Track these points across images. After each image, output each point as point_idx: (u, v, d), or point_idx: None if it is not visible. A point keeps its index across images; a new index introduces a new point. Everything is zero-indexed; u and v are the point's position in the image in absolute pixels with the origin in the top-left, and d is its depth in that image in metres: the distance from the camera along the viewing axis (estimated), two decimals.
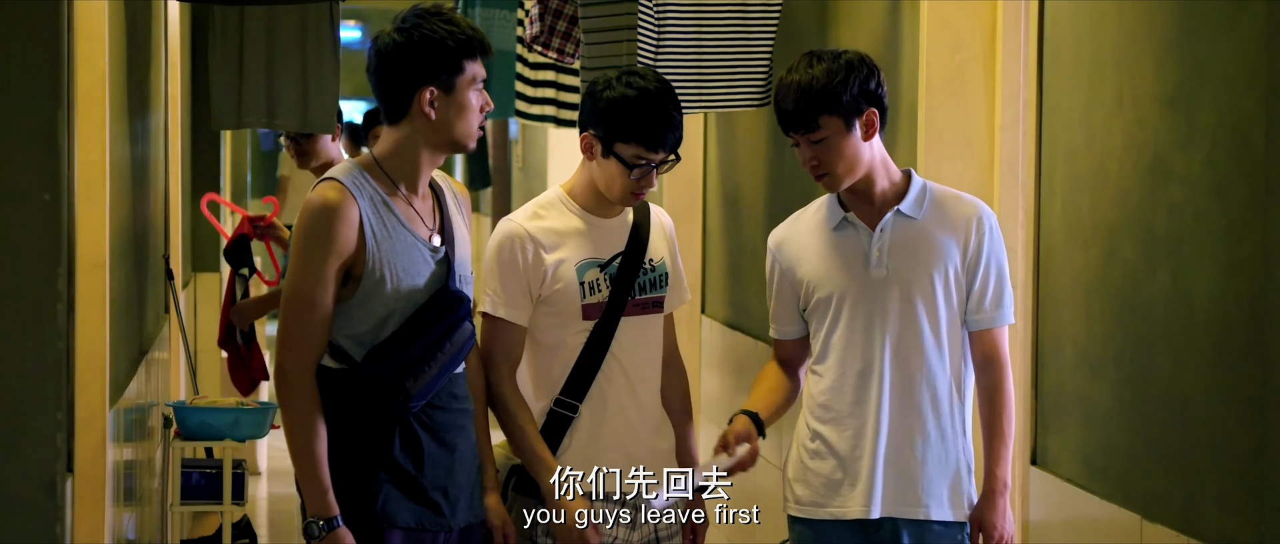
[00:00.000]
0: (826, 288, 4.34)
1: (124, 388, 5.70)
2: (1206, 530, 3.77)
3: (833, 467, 4.33)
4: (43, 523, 3.85)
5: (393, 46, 4.08)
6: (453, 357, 4.13)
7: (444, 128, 4.09)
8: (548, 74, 7.98)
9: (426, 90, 4.07)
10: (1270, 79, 3.53)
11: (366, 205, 4.07)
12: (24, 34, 3.84)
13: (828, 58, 4.26)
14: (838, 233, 4.36)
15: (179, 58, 9.35)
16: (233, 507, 7.12)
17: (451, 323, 4.11)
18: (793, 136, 4.31)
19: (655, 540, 4.61)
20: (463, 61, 4.08)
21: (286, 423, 4.07)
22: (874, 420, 4.31)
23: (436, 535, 4.17)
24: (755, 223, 7.20)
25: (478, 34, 4.11)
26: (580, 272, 4.51)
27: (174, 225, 8.86)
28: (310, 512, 4.05)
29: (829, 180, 4.30)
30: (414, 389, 4.07)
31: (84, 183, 4.92)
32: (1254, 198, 3.59)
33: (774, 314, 4.48)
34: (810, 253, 4.38)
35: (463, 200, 4.31)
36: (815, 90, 4.23)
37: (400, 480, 4.11)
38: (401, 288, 4.08)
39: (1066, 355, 4.55)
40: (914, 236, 4.32)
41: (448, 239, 4.18)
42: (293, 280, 4.07)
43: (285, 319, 4.08)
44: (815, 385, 4.40)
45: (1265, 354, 3.53)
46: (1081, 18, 4.48)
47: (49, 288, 3.86)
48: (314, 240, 4.05)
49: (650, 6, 5.65)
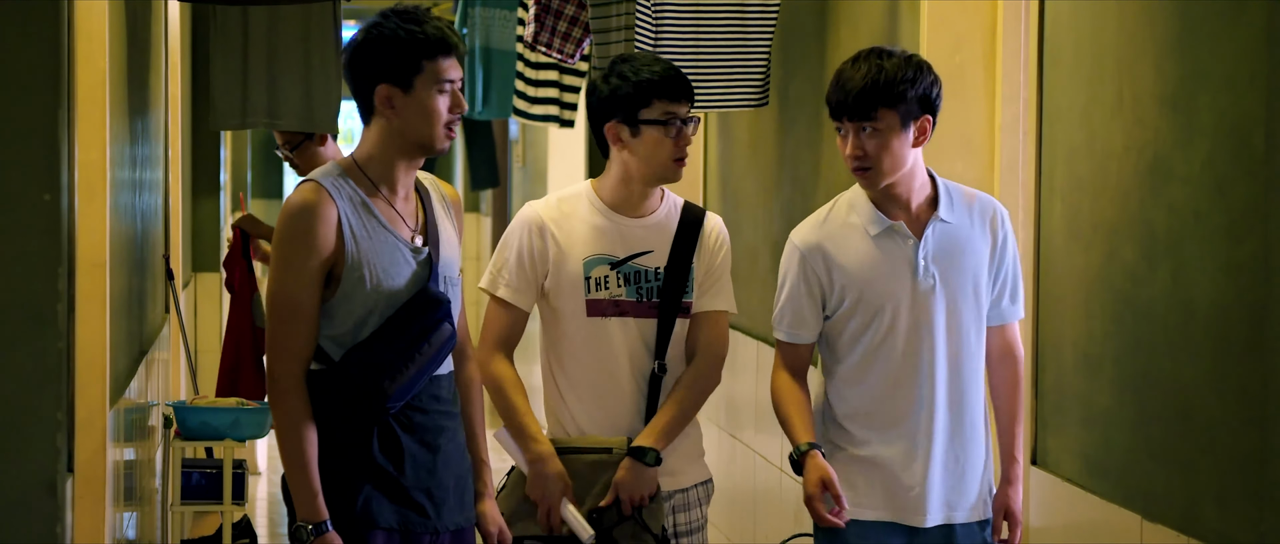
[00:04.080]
0: (875, 297, 4.29)
1: (124, 388, 5.70)
2: (1206, 530, 3.77)
3: (880, 474, 4.31)
4: (43, 523, 3.85)
5: (354, 45, 4.08)
6: (432, 357, 4.11)
7: (407, 129, 4.06)
8: (550, 74, 7.98)
9: (384, 88, 4.05)
10: (1270, 79, 3.53)
11: (346, 206, 4.06)
12: (24, 34, 3.84)
13: (898, 55, 4.25)
14: (882, 240, 4.30)
15: (179, 58, 9.35)
16: (233, 507, 7.11)
17: (429, 324, 4.09)
18: (843, 124, 4.26)
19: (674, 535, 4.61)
20: (421, 60, 4.03)
21: (278, 427, 4.07)
22: (928, 431, 4.29)
23: (421, 537, 4.16)
24: (755, 223, 7.20)
25: (443, 34, 4.06)
26: (587, 267, 4.52)
27: (174, 225, 8.86)
28: (300, 515, 4.04)
29: (870, 176, 4.26)
30: (391, 389, 4.06)
31: (84, 183, 4.92)
32: (1254, 198, 3.59)
33: (793, 318, 4.38)
34: (853, 259, 4.31)
35: (452, 204, 4.28)
36: (881, 82, 4.20)
37: (381, 481, 4.10)
38: (381, 288, 4.07)
39: (1066, 355, 4.55)
40: (952, 243, 4.32)
41: (432, 241, 4.16)
42: (275, 284, 4.06)
43: (272, 324, 4.07)
44: (849, 392, 4.34)
45: (1265, 354, 3.53)
46: (1081, 18, 4.48)
47: (49, 288, 3.85)
48: (293, 242, 4.04)
49: (648, 6, 5.65)
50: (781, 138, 6.78)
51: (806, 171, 6.41)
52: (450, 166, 16.72)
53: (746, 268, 7.29)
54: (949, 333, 4.31)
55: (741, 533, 7.37)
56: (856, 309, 4.30)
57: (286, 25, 7.02)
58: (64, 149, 3.92)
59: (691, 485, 4.67)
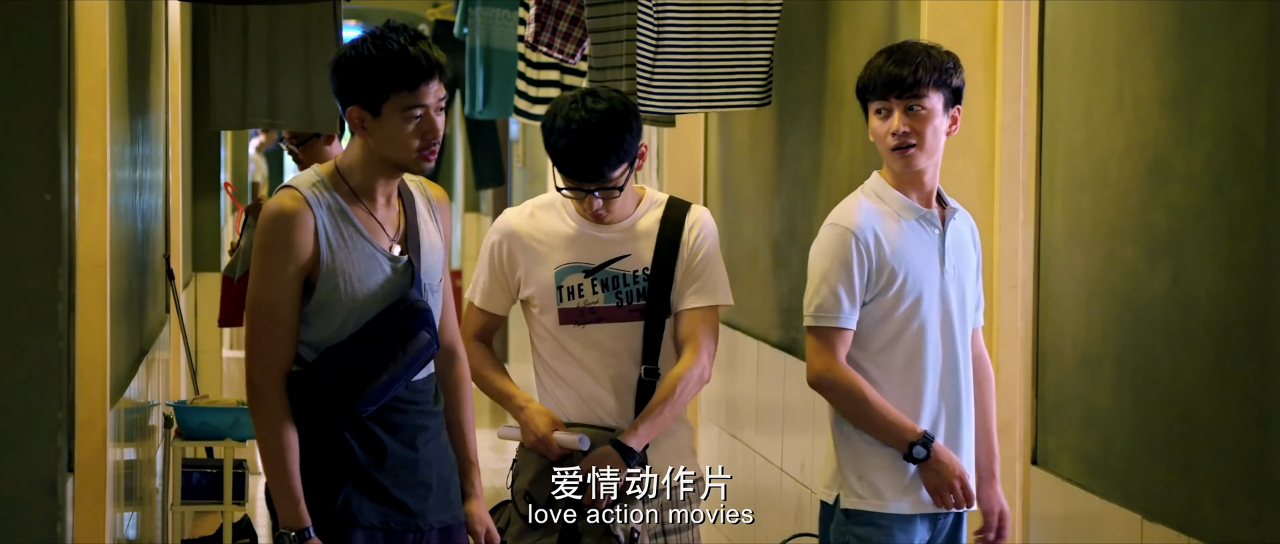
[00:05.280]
0: (915, 282, 4.32)
1: (124, 388, 5.70)
2: (1207, 530, 3.77)
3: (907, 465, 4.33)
4: (43, 523, 3.85)
5: (334, 61, 4.07)
6: (407, 365, 4.10)
7: (380, 150, 4.05)
8: (551, 74, 7.98)
9: (354, 111, 4.05)
10: (1270, 79, 3.53)
11: (323, 214, 4.05)
12: (24, 34, 3.84)
13: (941, 48, 4.33)
14: (915, 226, 4.34)
15: (179, 58, 9.34)
16: (233, 506, 7.12)
17: (406, 331, 4.08)
18: (888, 103, 4.28)
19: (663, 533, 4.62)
20: (387, 89, 3.99)
21: (258, 434, 4.06)
22: (956, 417, 4.35)
23: (404, 536, 4.16)
24: (755, 223, 7.20)
25: (421, 61, 4.00)
26: (559, 276, 4.54)
27: (174, 225, 8.86)
28: (282, 522, 4.04)
29: (912, 155, 4.28)
30: (362, 394, 4.05)
31: (84, 183, 4.92)
32: (1254, 198, 3.59)
33: (846, 302, 4.30)
34: (900, 244, 4.32)
35: (438, 205, 4.26)
36: (932, 62, 4.28)
37: (362, 482, 4.10)
38: (356, 296, 4.07)
39: (1066, 355, 4.55)
40: (959, 239, 4.40)
41: (412, 247, 4.16)
42: (254, 290, 4.07)
43: (251, 330, 4.07)
44: (883, 380, 4.33)
45: (1265, 354, 3.53)
46: (1082, 18, 4.48)
47: (49, 288, 3.85)
48: (271, 249, 4.05)
49: (650, 6, 5.65)
50: (781, 138, 6.78)
51: (806, 171, 6.40)
52: (452, 166, 16.73)
53: (746, 268, 7.29)
54: (961, 324, 4.37)
55: (742, 533, 7.37)
56: (898, 293, 4.31)
57: (287, 25, 7.02)
58: (64, 149, 3.92)
59: (682, 482, 4.67)
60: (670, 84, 5.70)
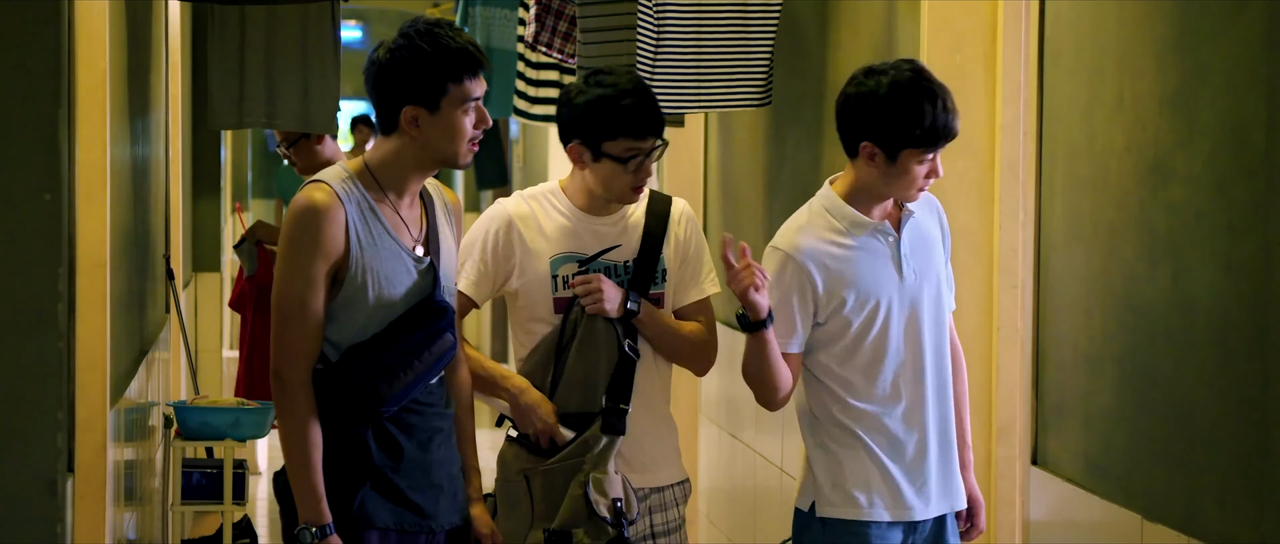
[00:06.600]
0: (871, 296, 4.31)
1: (124, 388, 5.70)
2: (1207, 530, 3.77)
3: (887, 470, 4.32)
4: (43, 523, 3.86)
5: (379, 64, 4.07)
6: (431, 366, 4.12)
7: (431, 146, 4.07)
8: (551, 74, 7.97)
9: (410, 109, 4.06)
10: (1270, 79, 3.53)
11: (353, 210, 4.05)
12: (24, 34, 3.84)
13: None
14: (866, 240, 4.33)
15: (179, 58, 9.35)
16: (233, 506, 7.12)
17: (432, 332, 4.10)
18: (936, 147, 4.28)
19: (650, 536, 4.62)
20: (447, 83, 4.04)
21: (283, 429, 4.07)
22: (920, 424, 4.34)
23: (417, 537, 4.16)
24: (755, 223, 7.20)
25: (470, 52, 4.06)
26: (554, 265, 4.56)
27: (174, 225, 8.86)
28: (303, 517, 4.04)
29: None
30: (387, 393, 4.06)
31: (84, 183, 4.92)
32: (1254, 198, 3.59)
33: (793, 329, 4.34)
34: (846, 265, 4.31)
35: (453, 210, 4.29)
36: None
37: (378, 482, 4.11)
38: (382, 295, 4.07)
39: (1066, 355, 4.55)
40: (919, 235, 4.40)
41: (433, 250, 4.16)
42: (282, 284, 4.05)
43: (278, 324, 4.06)
44: (849, 395, 4.33)
45: (1265, 354, 3.53)
46: (1082, 18, 4.48)
47: (49, 288, 3.86)
48: (301, 243, 4.04)
49: (650, 6, 5.65)
50: (781, 138, 6.78)
51: (806, 171, 6.40)
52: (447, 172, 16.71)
53: None
54: (932, 325, 4.37)
55: (741, 533, 7.37)
56: (852, 311, 4.31)
57: (284, 25, 7.02)
58: (64, 149, 3.92)
59: (668, 485, 4.69)
60: (670, 84, 5.70)
